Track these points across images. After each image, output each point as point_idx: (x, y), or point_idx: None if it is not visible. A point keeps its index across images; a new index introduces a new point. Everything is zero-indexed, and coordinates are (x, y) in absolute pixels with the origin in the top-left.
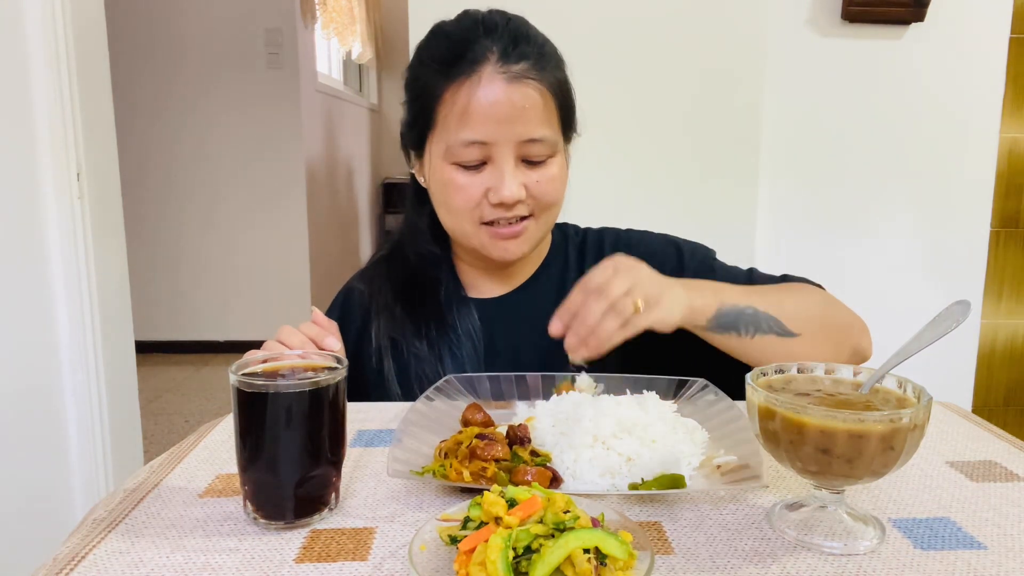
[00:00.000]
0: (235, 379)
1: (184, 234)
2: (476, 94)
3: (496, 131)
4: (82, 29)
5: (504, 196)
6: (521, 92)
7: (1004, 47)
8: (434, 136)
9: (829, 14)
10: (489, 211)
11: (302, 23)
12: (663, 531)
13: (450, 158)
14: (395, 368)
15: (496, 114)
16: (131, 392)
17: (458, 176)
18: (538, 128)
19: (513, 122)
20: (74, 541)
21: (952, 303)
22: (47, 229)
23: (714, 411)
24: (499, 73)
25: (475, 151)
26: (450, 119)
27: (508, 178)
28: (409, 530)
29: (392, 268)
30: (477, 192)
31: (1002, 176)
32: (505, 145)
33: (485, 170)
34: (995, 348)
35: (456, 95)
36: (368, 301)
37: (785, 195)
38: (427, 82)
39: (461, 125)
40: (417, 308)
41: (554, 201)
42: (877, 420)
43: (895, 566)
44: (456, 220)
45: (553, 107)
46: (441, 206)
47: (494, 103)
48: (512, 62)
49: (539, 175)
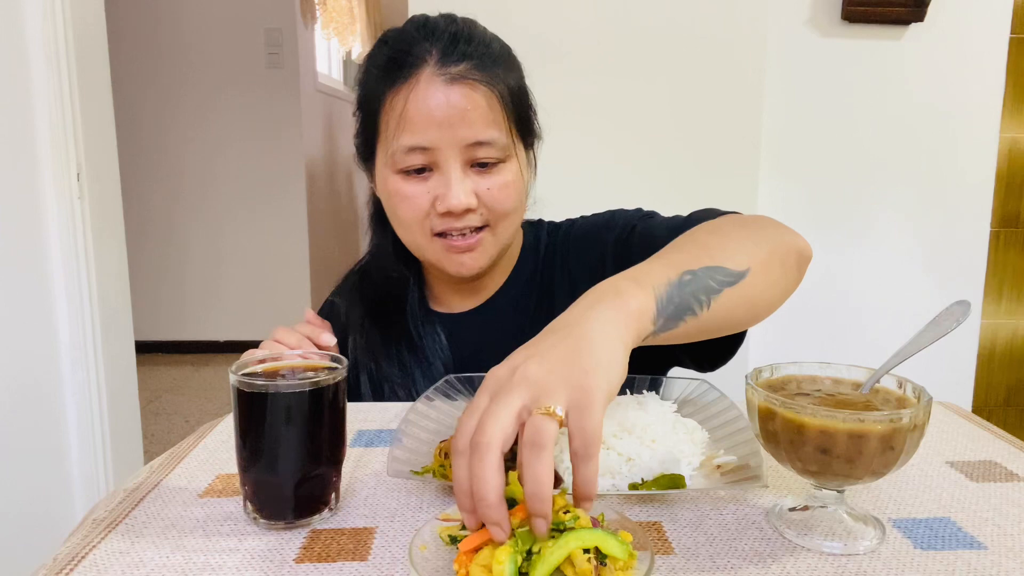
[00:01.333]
0: (235, 379)
1: (183, 234)
2: (414, 97)
3: (437, 136)
4: (82, 29)
5: (451, 204)
6: (461, 93)
7: (1004, 47)
8: (379, 146)
9: (829, 14)
10: (438, 221)
11: (302, 23)
12: (663, 531)
13: (393, 167)
14: (369, 385)
15: (436, 118)
16: (131, 392)
17: (404, 186)
18: (484, 130)
19: (454, 125)
20: (74, 541)
21: (952, 303)
22: (47, 229)
23: (714, 411)
24: (437, 75)
25: (417, 157)
26: (390, 125)
27: (455, 185)
28: (409, 530)
29: (363, 286)
30: (424, 201)
31: (1002, 176)
32: (449, 150)
33: (431, 178)
34: (995, 348)
35: (395, 100)
36: (344, 317)
37: (785, 195)
38: (370, 90)
39: (400, 131)
40: (386, 328)
41: (509, 209)
42: (877, 420)
43: (895, 566)
44: (407, 233)
45: (500, 109)
46: (392, 218)
47: (433, 106)
48: (452, 63)
49: (490, 182)
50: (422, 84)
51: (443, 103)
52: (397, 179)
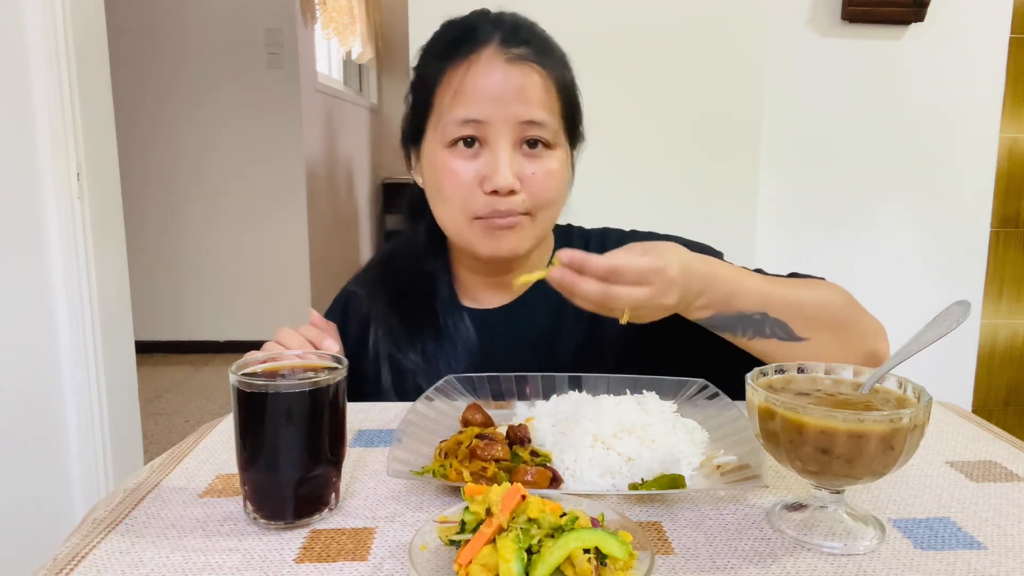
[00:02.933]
0: (235, 379)
1: (184, 234)
2: (473, 72)
3: (491, 110)
4: (82, 29)
5: (499, 183)
6: (520, 72)
7: (1004, 47)
8: (431, 122)
9: (829, 14)
10: (482, 202)
11: (302, 23)
12: (663, 531)
13: (443, 140)
14: (391, 378)
15: (492, 92)
16: (131, 392)
17: (452, 160)
18: (538, 111)
19: (510, 102)
20: (74, 541)
21: (952, 303)
22: (47, 229)
23: (714, 411)
24: (499, 54)
25: (469, 129)
26: (447, 99)
27: (503, 164)
28: (409, 530)
29: (388, 276)
30: (470, 178)
31: (1002, 176)
32: (501, 126)
33: (480, 155)
34: (995, 348)
35: (453, 75)
36: (366, 308)
37: (785, 195)
38: (427, 71)
39: (455, 103)
40: (412, 319)
41: (552, 199)
42: (877, 420)
43: (895, 566)
44: (448, 210)
45: (555, 96)
46: (435, 197)
47: (491, 82)
48: (513, 45)
49: (536, 167)
50: (483, 60)
51: (501, 79)
52: (446, 154)
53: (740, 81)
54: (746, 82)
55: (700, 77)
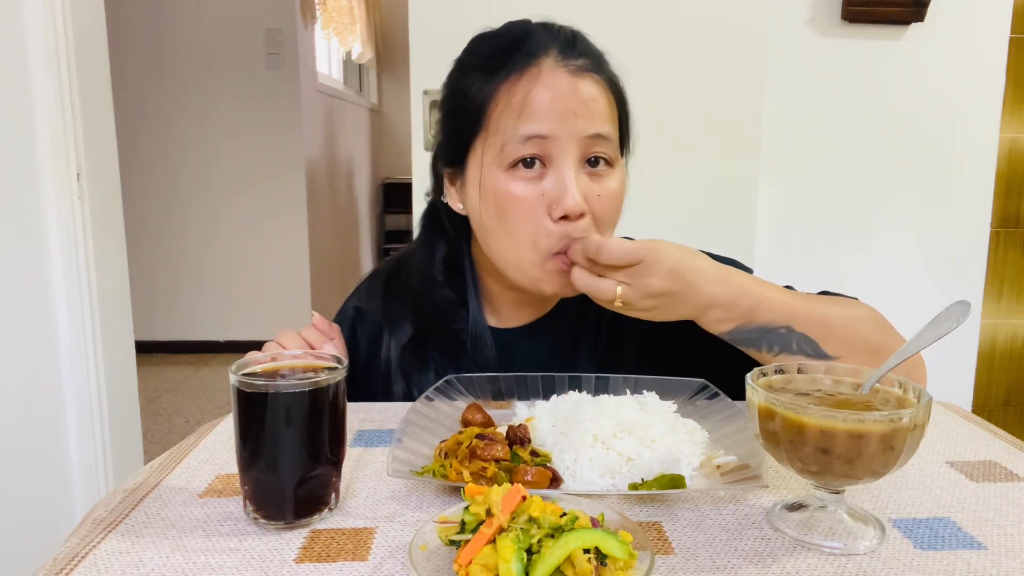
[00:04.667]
0: (235, 379)
1: (184, 234)
2: (536, 85)
3: (559, 125)
4: (82, 30)
5: (569, 206)
6: (585, 84)
7: (1004, 47)
8: (485, 142)
9: (829, 14)
10: (557, 234)
11: (302, 23)
12: (663, 531)
13: (503, 161)
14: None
15: (558, 107)
16: (131, 392)
17: (514, 184)
18: (603, 124)
19: (577, 115)
20: (74, 541)
21: (952, 303)
22: (47, 229)
23: (714, 411)
24: (561, 66)
25: (532, 147)
26: (506, 116)
27: (571, 184)
28: (409, 530)
29: (405, 295)
30: (536, 205)
31: (1002, 176)
32: (568, 141)
33: (545, 177)
34: (995, 348)
35: (512, 89)
36: (376, 325)
37: (785, 195)
38: (472, 86)
39: (519, 119)
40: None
41: (613, 222)
42: (877, 420)
43: (895, 566)
44: (514, 247)
45: (615, 109)
46: (494, 228)
47: (557, 96)
48: (573, 57)
49: (601, 188)
50: (544, 72)
51: (567, 92)
52: (506, 178)
53: (740, 81)
54: (746, 82)
55: (700, 77)
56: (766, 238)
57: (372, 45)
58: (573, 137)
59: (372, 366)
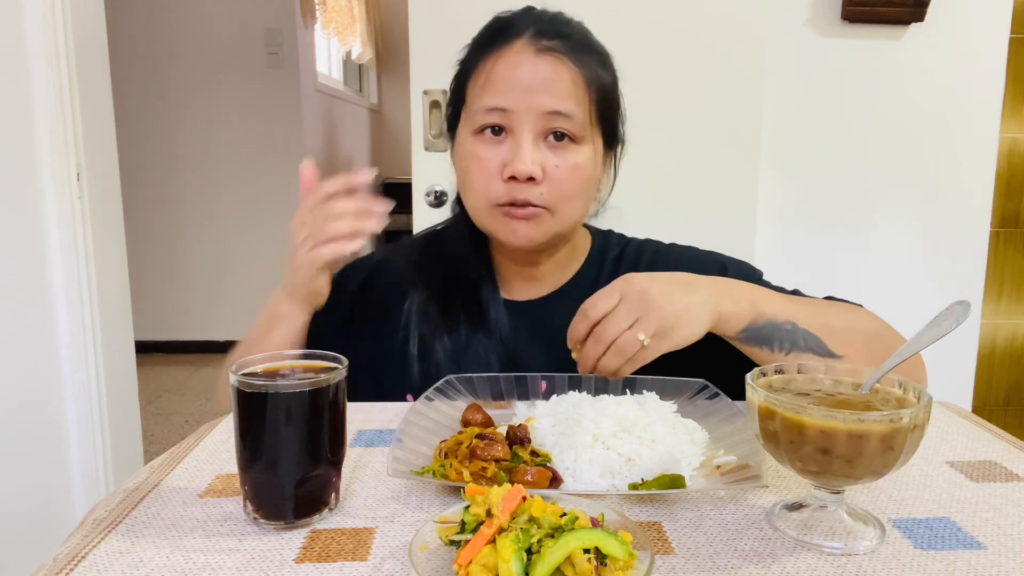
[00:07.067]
0: (235, 379)
1: (184, 234)
2: (502, 63)
3: (517, 99)
4: (82, 29)
5: (518, 168)
6: (548, 63)
7: (1004, 47)
8: (464, 112)
9: (829, 14)
10: (502, 190)
11: (302, 23)
12: (663, 531)
13: (472, 127)
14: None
15: (519, 83)
16: (131, 392)
17: (478, 147)
18: (562, 102)
19: (535, 92)
20: (74, 541)
21: (952, 303)
22: (47, 229)
23: (714, 411)
24: (530, 46)
25: (495, 117)
26: (476, 88)
27: (524, 151)
28: (409, 530)
29: (436, 256)
30: (493, 166)
31: (1002, 176)
32: (526, 115)
33: (505, 142)
34: (995, 348)
35: (484, 66)
36: (401, 279)
37: (785, 195)
38: (466, 62)
39: (483, 92)
40: (453, 303)
41: (574, 194)
42: (877, 420)
43: (895, 566)
44: (474, 197)
45: (584, 89)
46: (463, 183)
47: (518, 73)
48: (545, 38)
49: (560, 159)
50: (513, 52)
51: (528, 70)
52: (474, 141)
53: (740, 81)
54: (746, 82)
55: (700, 77)
56: (766, 238)
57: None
58: (532, 112)
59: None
